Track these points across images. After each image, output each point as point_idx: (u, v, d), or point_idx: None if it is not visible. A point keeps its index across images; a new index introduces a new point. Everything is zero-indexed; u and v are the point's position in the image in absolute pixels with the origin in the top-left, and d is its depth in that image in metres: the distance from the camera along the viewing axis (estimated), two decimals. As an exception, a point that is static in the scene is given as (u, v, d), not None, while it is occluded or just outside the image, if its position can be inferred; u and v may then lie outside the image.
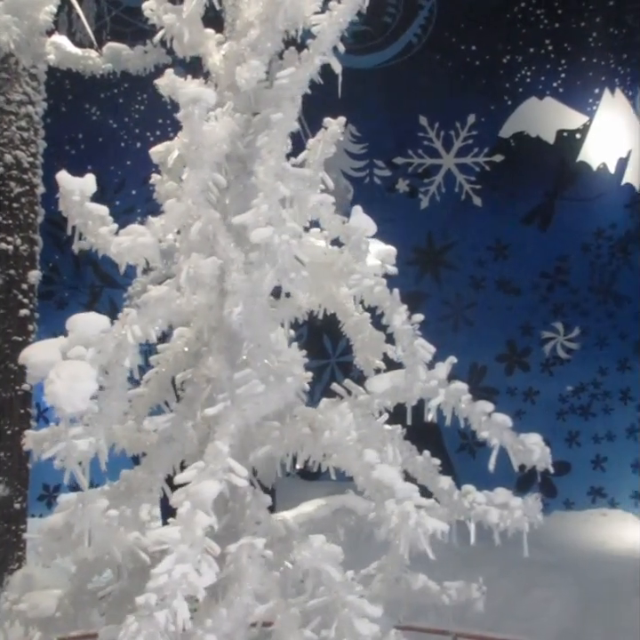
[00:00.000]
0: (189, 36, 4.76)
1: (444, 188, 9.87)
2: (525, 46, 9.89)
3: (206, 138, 4.10)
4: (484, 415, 3.98)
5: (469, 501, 3.90)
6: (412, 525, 3.38)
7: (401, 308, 3.98)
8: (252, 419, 3.82)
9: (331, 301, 4.24)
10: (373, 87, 9.55)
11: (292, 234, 3.77)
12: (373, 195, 9.72)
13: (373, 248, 4.13)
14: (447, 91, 9.85)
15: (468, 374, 9.79)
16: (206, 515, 3.39)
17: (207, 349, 4.32)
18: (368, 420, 3.99)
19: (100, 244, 4.07)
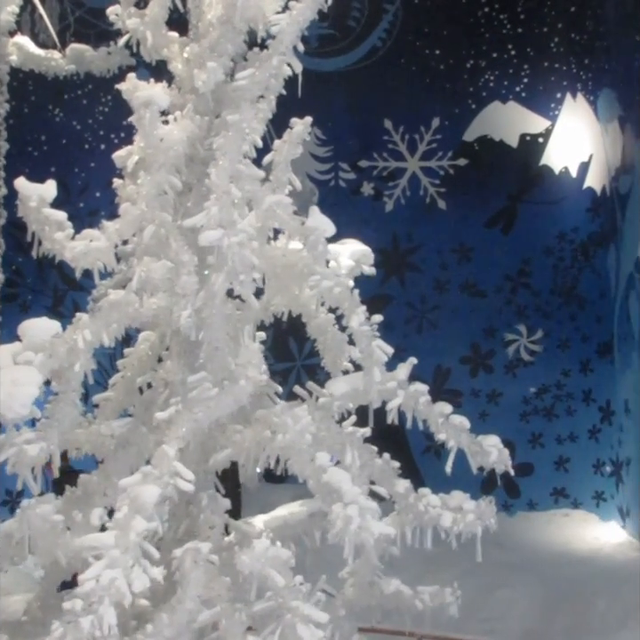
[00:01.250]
0: (153, 39, 4.75)
1: (408, 192, 9.92)
2: (489, 51, 9.98)
3: (161, 141, 4.09)
4: (441, 417, 4.01)
5: (424, 504, 3.92)
6: (354, 529, 3.39)
7: (359, 308, 3.99)
8: (204, 422, 3.81)
9: (295, 303, 4.24)
10: (338, 90, 9.58)
11: (243, 236, 3.75)
12: (338, 197, 9.74)
13: (347, 248, 4.14)
14: (411, 94, 9.90)
15: (433, 376, 9.84)
16: (145, 520, 3.37)
17: (168, 353, 4.32)
18: (327, 422, 4.00)
19: (57, 249, 4.06)
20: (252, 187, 4.12)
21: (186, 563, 3.62)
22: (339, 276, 3.98)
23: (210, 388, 3.79)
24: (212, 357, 3.98)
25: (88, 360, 3.86)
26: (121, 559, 3.28)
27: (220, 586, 3.66)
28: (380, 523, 3.49)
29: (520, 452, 9.88)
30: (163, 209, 4.10)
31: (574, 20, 9.92)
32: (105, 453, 4.26)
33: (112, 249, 4.13)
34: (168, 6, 4.74)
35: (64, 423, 3.88)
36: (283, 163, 4.25)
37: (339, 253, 4.14)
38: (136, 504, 3.44)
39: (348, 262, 4.10)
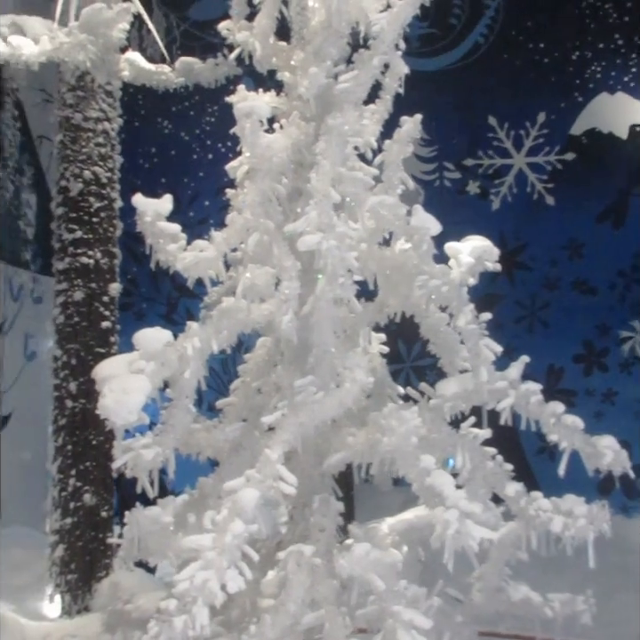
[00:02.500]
0: (262, 50, 4.85)
1: (515, 189, 9.76)
2: (595, 41, 9.72)
3: (264, 150, 4.15)
4: (553, 417, 3.90)
5: (535, 509, 3.82)
6: (452, 534, 3.33)
7: (467, 307, 3.94)
8: (309, 426, 3.82)
9: (406, 304, 4.22)
10: (441, 89, 9.51)
11: (342, 238, 3.75)
12: (444, 197, 9.67)
13: (468, 245, 4.09)
14: (516, 90, 9.74)
15: (546, 376, 9.64)
16: (244, 522, 3.42)
17: (281, 358, 4.37)
18: (439, 424, 3.96)
19: (170, 260, 4.22)
20: (355, 189, 4.13)
21: (289, 565, 3.65)
22: (447, 274, 3.94)
23: (314, 391, 3.81)
24: (320, 361, 4.00)
25: (198, 367, 3.95)
26: (216, 561, 3.34)
27: (327, 589, 3.67)
28: (482, 527, 3.41)
29: (637, 453, 9.58)
30: (268, 216, 4.16)
31: (685, 5, 9.60)
32: (221, 457, 4.35)
33: (220, 258, 4.24)
34: (275, 16, 4.83)
35: (178, 428, 3.98)
36: (394, 162, 4.24)
37: (459, 251, 4.11)
38: (236, 507, 3.49)
39: (467, 259, 4.06)
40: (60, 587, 6.88)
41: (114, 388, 3.67)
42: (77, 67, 6.94)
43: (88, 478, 6.91)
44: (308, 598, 3.61)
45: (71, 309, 7.06)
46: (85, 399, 6.91)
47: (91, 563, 6.88)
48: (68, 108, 7.21)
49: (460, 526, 3.31)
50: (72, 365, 6.97)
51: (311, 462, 4.29)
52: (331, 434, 4.30)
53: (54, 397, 7.08)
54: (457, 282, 3.91)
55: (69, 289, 7.07)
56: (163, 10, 9.69)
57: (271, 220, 4.14)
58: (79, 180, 7.12)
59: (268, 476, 3.58)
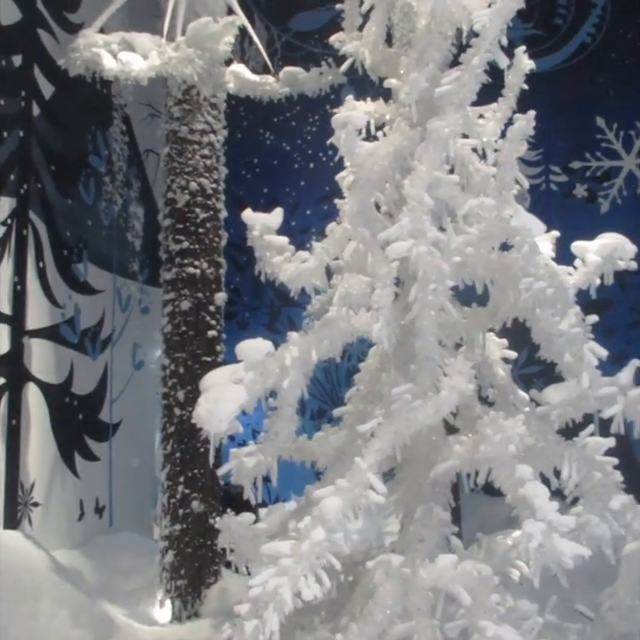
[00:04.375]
0: (372, 57, 4.86)
1: (625, 191, 9.47)
2: None
3: (364, 158, 4.15)
4: None
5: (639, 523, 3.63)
6: (535, 547, 3.19)
7: (572, 310, 3.82)
8: (404, 434, 3.77)
9: (516, 308, 4.12)
10: (547, 91, 9.27)
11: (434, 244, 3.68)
12: (550, 202, 9.44)
13: (596, 244, 3.98)
14: (625, 89, 9.46)
15: (661, 384, 9.29)
16: (325, 530, 3.41)
17: (389, 365, 4.34)
18: (545, 432, 3.83)
19: (275, 272, 4.31)
20: (453, 192, 4.07)
21: (377, 574, 3.61)
22: (554, 276, 3.83)
23: (409, 399, 3.77)
24: (421, 368, 3.95)
25: (299, 376, 4.00)
26: (291, 567, 3.33)
27: (420, 600, 3.59)
28: (571, 543, 3.26)
29: None
30: (367, 225, 4.15)
31: None
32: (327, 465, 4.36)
33: (322, 268, 4.30)
34: (386, 24, 4.83)
35: (281, 437, 4.03)
36: (507, 162, 4.15)
37: (586, 250, 4.01)
38: (319, 515, 3.48)
39: (594, 259, 3.95)
40: (170, 592, 6.96)
41: (208, 398, 3.79)
42: (184, 80, 7.05)
43: (196, 485, 6.99)
44: (398, 608, 3.56)
45: (178, 319, 7.17)
46: (193, 407, 6.97)
47: (199, 569, 6.95)
48: (174, 122, 7.34)
49: (544, 540, 3.18)
50: (180, 374, 7.07)
51: (421, 471, 4.24)
52: (441, 442, 4.25)
53: (163, 405, 7.20)
54: (565, 283, 3.79)
55: (177, 299, 7.18)
56: (264, 22, 9.79)
57: (370, 228, 4.12)
58: (186, 191, 7.23)
59: (358, 484, 3.56)
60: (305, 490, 4.35)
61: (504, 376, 4.56)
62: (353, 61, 5.11)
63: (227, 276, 7.64)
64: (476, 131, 4.53)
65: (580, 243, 4.27)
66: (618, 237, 4.23)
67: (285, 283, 4.34)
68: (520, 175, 4.31)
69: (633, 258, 4.16)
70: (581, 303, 8.56)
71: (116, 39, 6.89)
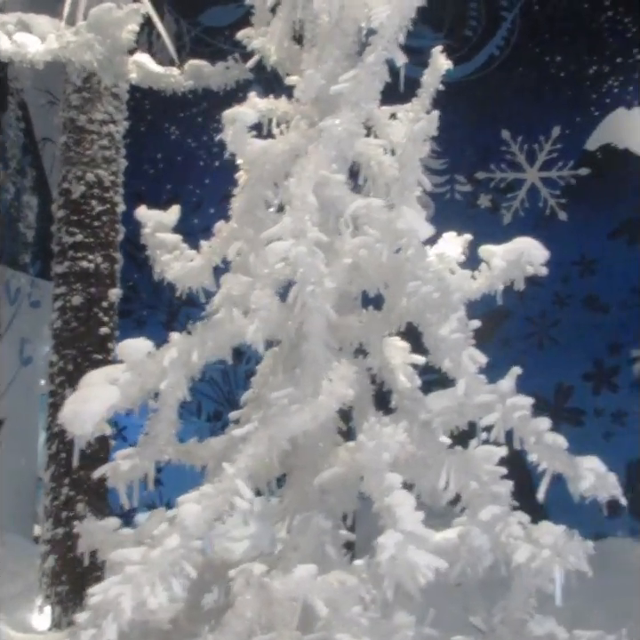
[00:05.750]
0: (277, 54, 4.77)
1: (527, 203, 9.61)
2: (613, 56, 9.59)
3: (257, 156, 4.06)
4: (534, 434, 3.66)
5: (506, 535, 3.58)
6: (386, 559, 3.12)
7: (455, 314, 3.76)
8: (279, 439, 3.68)
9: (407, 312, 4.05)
10: (455, 101, 9.27)
11: (314, 244, 3.61)
12: (454, 211, 9.49)
13: (502, 248, 3.94)
14: (530, 103, 9.61)
15: (554, 394, 9.48)
16: (181, 537, 3.31)
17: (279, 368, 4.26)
18: (426, 440, 3.77)
19: (164, 270, 4.19)
20: (340, 192, 4.00)
21: (237, 583, 3.52)
22: (442, 279, 3.77)
23: (285, 404, 3.69)
24: (306, 372, 3.86)
25: (179, 378, 3.90)
26: (137, 575, 3.23)
27: (282, 610, 3.48)
28: (429, 555, 3.18)
29: (649, 476, 9.40)
30: (255, 224, 4.07)
31: None
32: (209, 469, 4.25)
33: (209, 267, 4.21)
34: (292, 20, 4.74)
35: (160, 439, 3.93)
36: (409, 163, 4.08)
37: (493, 254, 3.98)
38: (176, 521, 3.40)
39: (499, 263, 3.91)
40: (51, 598, 6.70)
41: (77, 398, 3.69)
42: (84, 67, 6.81)
43: (82, 487, 6.75)
44: (261, 619, 3.44)
45: (69, 314, 6.92)
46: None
47: (82, 574, 6.69)
48: (72, 110, 7.08)
49: (398, 552, 3.09)
50: (68, 371, 6.82)
51: (308, 478, 4.15)
52: (328, 448, 4.16)
53: (49, 404, 6.94)
54: (451, 287, 3.74)
55: (68, 293, 6.93)
56: (174, 15, 9.59)
57: (257, 228, 4.02)
58: (81, 182, 6.99)
59: (224, 490, 3.45)
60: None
61: (404, 381, 4.48)
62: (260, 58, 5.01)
63: (124, 273, 7.41)
64: (386, 131, 4.49)
65: (488, 247, 4.24)
66: (527, 242, 4.21)
67: (173, 281, 4.24)
68: (423, 177, 4.26)
69: (543, 263, 4.14)
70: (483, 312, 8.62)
71: (12, 19, 6.61)
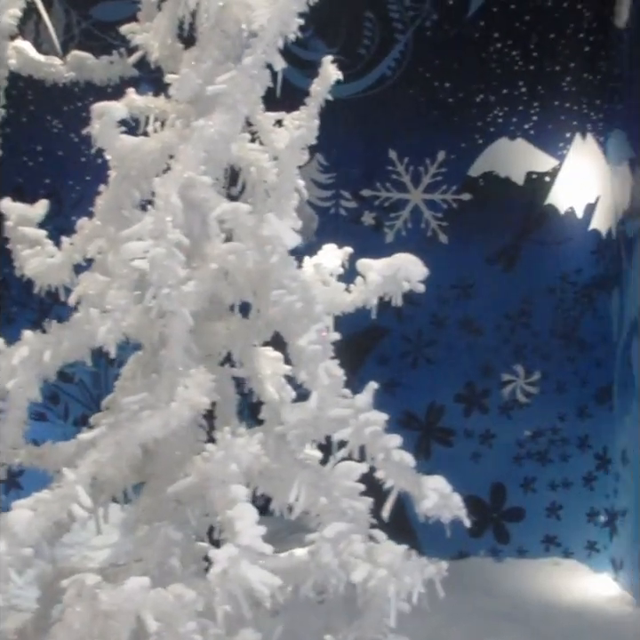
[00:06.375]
0: (160, 51, 4.68)
1: (410, 224, 9.72)
2: (499, 86, 9.83)
3: (127, 152, 3.98)
4: (383, 451, 3.66)
5: (348, 553, 3.56)
6: (217, 574, 3.07)
7: (315, 326, 3.74)
8: (127, 446, 3.59)
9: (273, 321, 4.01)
10: (344, 117, 9.41)
11: (174, 246, 3.56)
12: (338, 226, 9.55)
13: (381, 263, 3.95)
14: (418, 126, 9.74)
15: (426, 413, 9.61)
16: (7, 545, 3.22)
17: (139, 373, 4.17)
18: (281, 452, 3.74)
19: (23, 266, 4.06)
20: (206, 195, 3.95)
21: (67, 594, 3.40)
22: (306, 289, 3.75)
23: (136, 409, 3.60)
24: (162, 378, 3.78)
25: (29, 377, 3.77)
26: None
27: (118, 625, 3.36)
28: (263, 570, 3.14)
29: (511, 497, 9.63)
30: (119, 222, 3.98)
31: (588, 60, 9.78)
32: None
33: (69, 265, 4.09)
34: (178, 17, 4.66)
35: (6, 442, 3.79)
36: (287, 170, 4.06)
37: (369, 268, 3.98)
38: (4, 527, 3.30)
39: (375, 278, 3.92)
40: None
41: None
42: (-41, 50, 6.53)
43: None
44: (92, 631, 3.30)
45: None
46: None
47: None
48: (-55, 94, 6.78)
49: (230, 566, 3.03)
50: None
51: (163, 487, 4.05)
52: (186, 456, 4.07)
53: None
54: (316, 298, 3.72)
55: None
56: (64, 5, 9.31)
57: (120, 226, 3.93)
58: (-51, 169, 6.68)
59: (63, 496, 3.32)
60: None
61: (272, 392, 4.42)
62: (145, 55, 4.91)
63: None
64: (270, 137, 4.46)
65: (366, 260, 4.26)
66: (405, 258, 4.23)
67: (31, 278, 4.10)
68: (300, 185, 4.25)
69: (422, 280, 4.15)
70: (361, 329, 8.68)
71: None
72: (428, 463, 9.30)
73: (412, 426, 9.47)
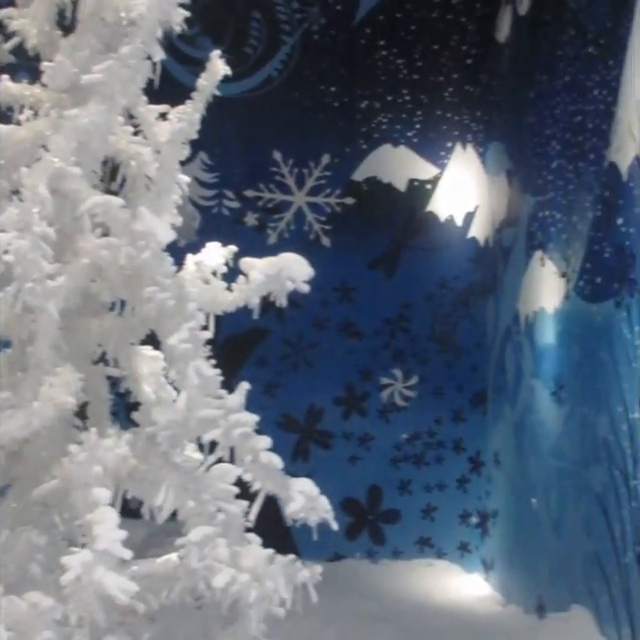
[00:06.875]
0: (37, 38, 4.52)
1: (293, 226, 9.72)
2: (384, 94, 9.95)
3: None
4: (251, 453, 3.61)
5: (212, 558, 3.48)
6: (70, 580, 2.99)
7: (187, 324, 3.66)
8: None
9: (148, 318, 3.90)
10: (230, 116, 9.35)
11: (37, 239, 3.44)
12: (221, 226, 9.45)
13: (265, 261, 3.88)
14: (303, 128, 9.77)
15: (305, 416, 9.62)
16: None
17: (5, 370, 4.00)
18: (150, 454, 3.64)
19: None
20: (77, 187, 3.82)
21: None
22: (181, 286, 3.67)
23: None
24: (28, 376, 3.63)
25: None
26: None
27: None
28: (121, 577, 3.06)
29: (388, 499, 9.75)
30: None
31: (469, 72, 10.03)
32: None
33: None
34: (56, 3, 4.50)
35: None
36: (166, 164, 3.96)
37: (252, 267, 3.90)
38: None
39: (257, 277, 3.85)
40: None
41: None
42: None
43: None
44: None
45: None
46: None
47: None
48: None
49: (84, 572, 2.94)
50: None
51: (29, 490, 3.88)
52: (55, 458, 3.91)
53: None
54: (190, 296, 3.64)
55: None
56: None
57: None
58: None
59: None
60: None
61: (148, 392, 4.29)
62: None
63: None
64: (153, 131, 4.34)
65: (248, 259, 4.19)
66: (290, 258, 4.18)
67: None
68: (181, 180, 4.16)
69: (307, 281, 4.12)
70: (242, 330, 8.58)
71: None
72: (307, 465, 9.33)
73: (291, 428, 9.48)
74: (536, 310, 8.11)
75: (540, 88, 8.23)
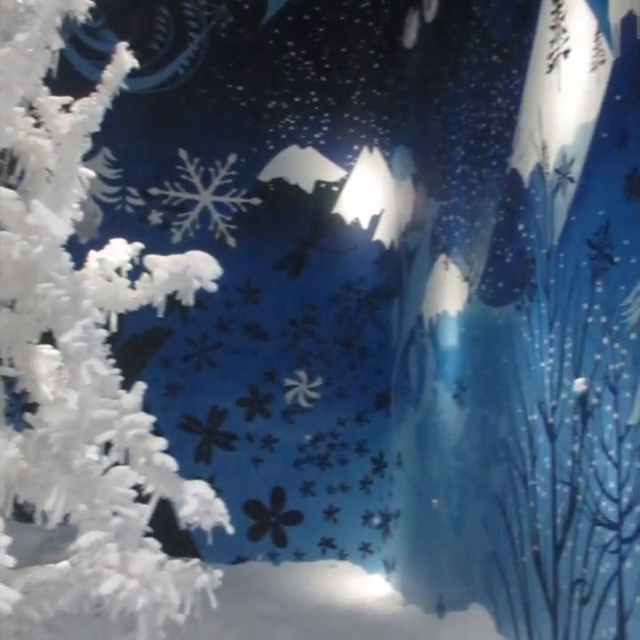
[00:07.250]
0: None
1: (198, 225, 9.61)
2: (292, 95, 9.95)
3: None
4: (145, 455, 3.53)
5: (101, 564, 3.40)
6: None
7: (81, 322, 3.55)
8: None
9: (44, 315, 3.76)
10: (135, 112, 9.20)
11: None
12: (125, 223, 9.27)
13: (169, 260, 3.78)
14: (210, 127, 9.67)
15: (209, 417, 9.52)
16: None
17: None
18: (42, 457, 3.51)
19: None
20: None
21: None
22: (76, 283, 3.55)
23: None
24: None
25: None
26: None
27: None
28: (7, 588, 2.95)
29: (291, 500, 9.73)
30: None
31: (376, 76, 10.12)
32: None
33: None
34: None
35: None
36: (66, 158, 3.82)
37: (157, 264, 3.79)
38: None
39: (161, 274, 3.74)
40: None
41: None
42: None
43: None
44: None
45: None
46: None
47: None
48: None
49: None
50: None
51: None
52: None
53: None
54: (84, 293, 3.53)
55: None
56: None
57: None
58: None
59: None
60: None
61: (46, 392, 4.15)
62: None
63: None
64: (55, 123, 4.19)
65: (154, 256, 4.08)
66: (197, 256, 4.09)
67: None
68: (82, 173, 4.04)
69: (215, 280, 4.04)
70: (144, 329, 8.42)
71: None
72: (210, 467, 9.24)
73: (194, 429, 9.37)
74: (439, 313, 8.21)
75: (446, 94, 8.34)
